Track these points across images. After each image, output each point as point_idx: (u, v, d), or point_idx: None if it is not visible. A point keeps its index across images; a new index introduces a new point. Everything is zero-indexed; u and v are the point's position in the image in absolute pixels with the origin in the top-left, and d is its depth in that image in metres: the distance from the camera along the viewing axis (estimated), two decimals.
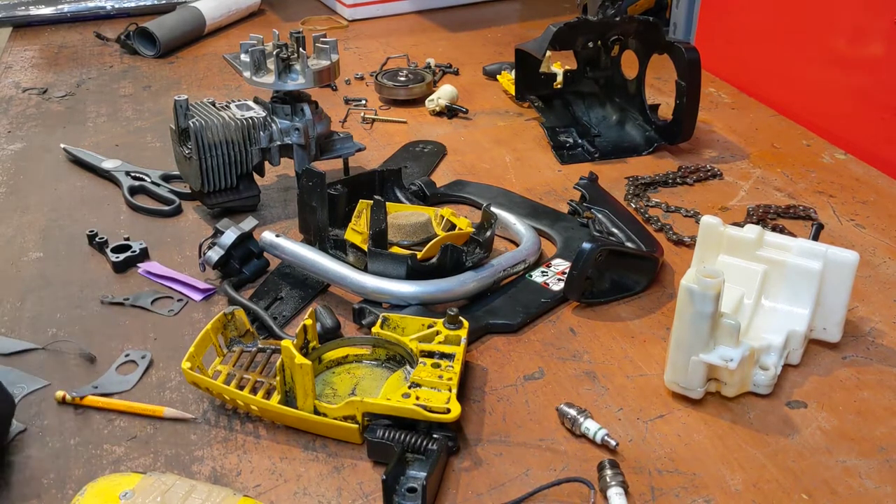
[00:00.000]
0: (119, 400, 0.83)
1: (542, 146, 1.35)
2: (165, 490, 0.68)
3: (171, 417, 0.81)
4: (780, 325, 0.86)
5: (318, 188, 1.00)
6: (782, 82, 1.47)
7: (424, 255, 0.96)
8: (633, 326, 0.94)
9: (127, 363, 0.89)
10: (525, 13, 2.02)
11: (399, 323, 0.86)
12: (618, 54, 1.36)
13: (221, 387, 0.80)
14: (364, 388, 0.83)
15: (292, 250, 0.99)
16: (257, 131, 1.12)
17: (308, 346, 0.83)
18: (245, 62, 1.13)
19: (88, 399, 0.83)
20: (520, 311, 0.94)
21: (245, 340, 0.88)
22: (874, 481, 0.74)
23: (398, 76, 1.52)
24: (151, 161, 1.31)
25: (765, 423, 0.80)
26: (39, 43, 1.84)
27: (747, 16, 1.54)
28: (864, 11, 1.29)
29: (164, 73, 1.66)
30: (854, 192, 1.20)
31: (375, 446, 0.75)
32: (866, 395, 0.84)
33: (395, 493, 0.70)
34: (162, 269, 1.04)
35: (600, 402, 0.83)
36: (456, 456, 0.77)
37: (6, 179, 1.28)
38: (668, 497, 0.73)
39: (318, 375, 0.84)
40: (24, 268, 1.06)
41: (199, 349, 0.83)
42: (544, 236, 1.09)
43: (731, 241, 0.89)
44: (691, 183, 1.23)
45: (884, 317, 0.94)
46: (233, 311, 0.87)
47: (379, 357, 0.86)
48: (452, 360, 0.80)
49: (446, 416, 0.74)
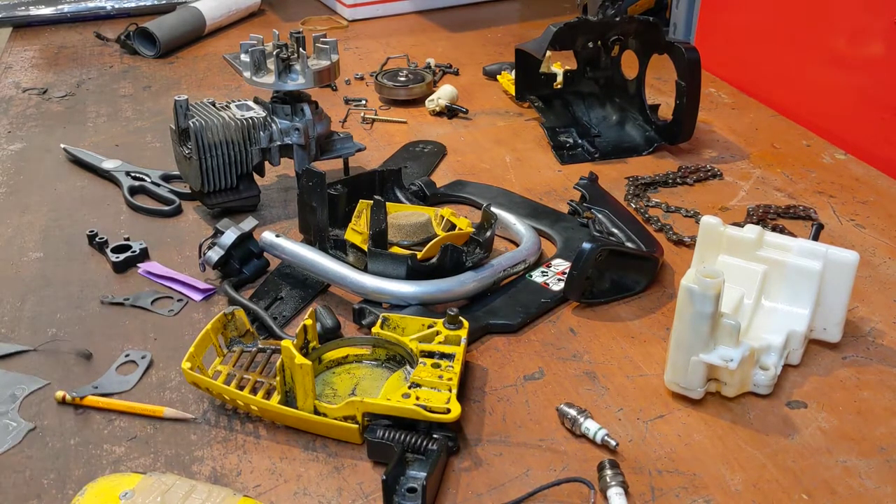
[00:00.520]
0: (119, 400, 0.83)
1: (542, 146, 1.35)
2: (165, 490, 0.68)
3: (171, 418, 0.81)
4: (780, 325, 0.86)
5: (318, 188, 1.00)
6: (782, 82, 1.47)
7: (424, 255, 0.96)
8: (633, 326, 0.94)
9: (127, 363, 0.89)
10: (525, 13, 2.02)
11: (399, 323, 0.86)
12: (618, 54, 1.36)
13: (221, 387, 0.80)
14: (364, 388, 0.83)
15: (292, 250, 0.99)
16: (257, 131, 1.12)
17: (308, 347, 0.83)
18: (245, 62, 1.13)
19: (88, 399, 0.83)
20: (520, 311, 0.94)
21: (245, 340, 0.88)
22: (874, 481, 0.74)
23: (398, 76, 1.52)
24: (151, 161, 1.31)
25: (765, 423, 0.80)
26: (39, 43, 1.84)
27: (747, 16, 1.54)
28: (864, 11, 1.30)
29: (164, 73, 1.66)
30: (854, 192, 1.20)
31: (375, 446, 0.75)
32: (866, 395, 0.84)
33: (395, 493, 0.70)
34: (162, 269, 1.04)
35: (600, 402, 0.83)
36: (456, 456, 0.77)
37: (6, 179, 1.28)
38: (668, 497, 0.73)
39: (318, 375, 0.84)
40: (24, 268, 1.06)
41: (199, 349, 0.83)
42: (544, 236, 1.09)
43: (731, 241, 0.89)
44: (691, 183, 1.23)
45: (884, 317, 0.94)
46: (233, 311, 0.87)
47: (379, 357, 0.86)
48: (452, 361, 0.80)
49: (446, 417, 0.74)
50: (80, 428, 0.81)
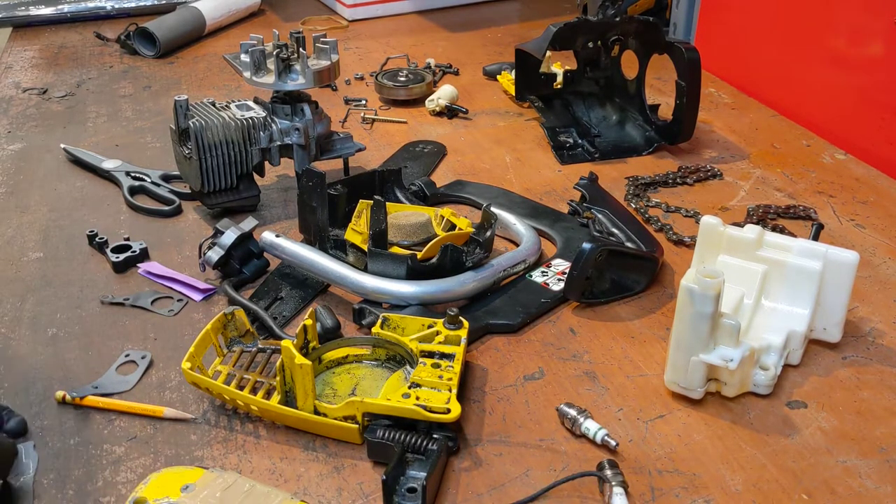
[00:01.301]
0: (119, 400, 0.83)
1: (542, 146, 1.35)
2: (225, 487, 0.68)
3: (171, 418, 0.82)
4: (780, 325, 0.86)
5: (318, 188, 1.00)
6: (782, 82, 1.47)
7: (424, 255, 0.96)
8: (633, 326, 0.94)
9: (127, 363, 0.89)
10: (525, 13, 2.02)
11: (399, 323, 0.86)
12: (618, 54, 1.36)
13: (221, 387, 0.80)
14: (364, 388, 0.83)
15: (292, 250, 0.99)
16: (257, 131, 1.12)
17: (308, 347, 0.83)
18: (245, 62, 1.13)
19: (88, 399, 0.83)
20: (520, 311, 0.94)
21: (245, 340, 0.88)
22: (874, 481, 0.74)
23: (398, 76, 1.52)
24: (151, 161, 1.31)
25: (765, 423, 0.80)
26: (39, 43, 1.84)
27: (747, 16, 1.54)
28: (864, 11, 1.30)
29: (164, 73, 1.66)
30: (854, 193, 1.20)
31: (375, 446, 0.75)
32: (866, 395, 0.84)
33: (395, 493, 0.70)
34: (162, 269, 1.04)
35: (600, 402, 0.83)
36: (456, 456, 0.77)
37: (6, 179, 1.28)
38: (668, 497, 0.73)
39: (318, 375, 0.84)
40: (24, 268, 1.06)
41: (199, 349, 0.83)
42: (544, 236, 1.09)
43: (731, 241, 0.89)
44: (691, 183, 1.23)
45: (884, 317, 0.94)
46: (233, 311, 0.87)
47: (379, 357, 0.86)
48: (452, 361, 0.80)
49: (446, 417, 0.74)
50: (80, 428, 0.81)
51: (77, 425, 0.81)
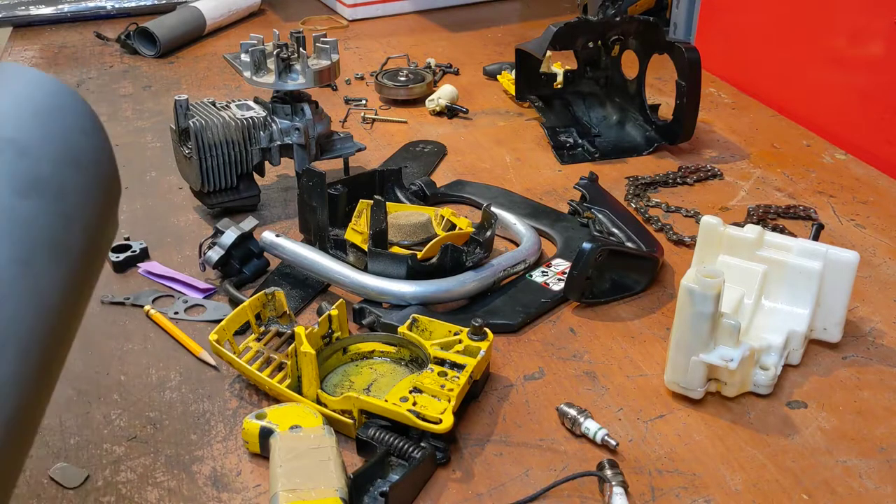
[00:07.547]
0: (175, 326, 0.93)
1: (542, 146, 1.35)
2: (314, 447, 0.72)
3: (205, 361, 0.88)
4: (780, 325, 0.86)
5: (319, 188, 1.00)
6: (782, 82, 1.47)
7: (424, 255, 0.96)
8: (633, 326, 0.94)
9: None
10: (525, 13, 2.02)
11: (427, 326, 0.86)
12: (618, 54, 1.36)
13: (240, 363, 0.82)
14: (380, 385, 0.83)
15: (292, 250, 0.99)
16: (257, 131, 1.12)
17: (332, 336, 0.85)
18: (245, 62, 1.13)
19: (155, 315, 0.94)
20: (520, 311, 0.94)
21: (282, 322, 0.91)
22: (874, 481, 0.74)
23: (398, 76, 1.52)
24: (151, 161, 1.31)
25: (765, 423, 0.80)
26: (39, 43, 1.84)
27: (747, 16, 1.54)
28: (864, 11, 1.30)
29: (164, 73, 1.66)
30: (854, 192, 1.20)
31: (363, 444, 0.75)
32: (866, 395, 0.84)
33: (367, 493, 0.70)
34: (162, 269, 1.04)
35: (600, 402, 0.83)
36: (454, 457, 0.77)
37: None
38: (668, 497, 0.73)
39: (340, 367, 0.86)
40: None
41: (230, 324, 0.86)
42: (544, 236, 1.09)
43: (732, 241, 0.89)
44: (691, 183, 1.23)
45: (884, 317, 0.94)
46: (273, 292, 0.89)
47: (404, 357, 0.86)
48: (461, 372, 0.79)
49: (435, 427, 0.73)
50: (80, 428, 0.81)
51: (77, 425, 0.81)
